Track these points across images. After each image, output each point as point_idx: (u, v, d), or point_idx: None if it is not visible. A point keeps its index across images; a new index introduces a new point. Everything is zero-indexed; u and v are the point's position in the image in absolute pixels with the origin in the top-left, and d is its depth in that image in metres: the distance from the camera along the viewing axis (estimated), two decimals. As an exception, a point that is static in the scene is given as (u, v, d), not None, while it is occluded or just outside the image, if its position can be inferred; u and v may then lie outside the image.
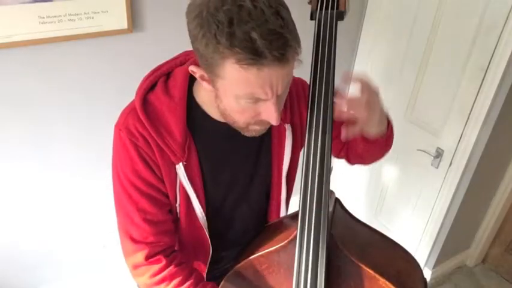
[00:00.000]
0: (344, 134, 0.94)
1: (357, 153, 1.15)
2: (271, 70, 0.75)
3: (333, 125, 1.10)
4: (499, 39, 1.73)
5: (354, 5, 2.24)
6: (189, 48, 0.86)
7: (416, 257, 2.24)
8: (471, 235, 2.55)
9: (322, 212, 0.87)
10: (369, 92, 0.89)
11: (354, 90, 0.92)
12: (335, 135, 1.14)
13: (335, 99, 0.88)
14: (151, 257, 1.00)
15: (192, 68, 0.85)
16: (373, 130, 0.99)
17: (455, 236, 2.30)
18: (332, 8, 0.88)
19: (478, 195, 2.24)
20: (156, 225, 1.00)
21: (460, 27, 1.86)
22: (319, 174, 0.88)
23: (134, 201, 0.97)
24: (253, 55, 0.72)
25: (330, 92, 0.88)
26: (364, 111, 0.89)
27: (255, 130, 0.91)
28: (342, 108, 0.89)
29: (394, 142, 1.16)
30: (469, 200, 2.15)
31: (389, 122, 1.06)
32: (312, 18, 0.91)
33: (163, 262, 1.01)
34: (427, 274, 2.43)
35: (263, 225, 1.16)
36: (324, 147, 0.89)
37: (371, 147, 1.08)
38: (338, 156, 1.22)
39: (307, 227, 0.88)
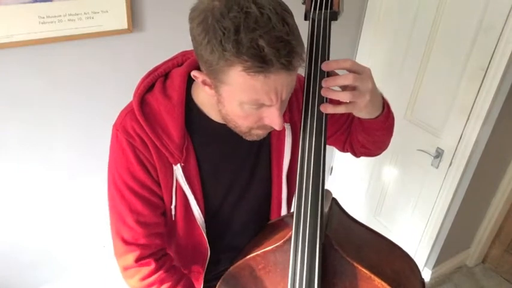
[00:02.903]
0: (331, 109, 0.87)
1: (359, 142, 1.12)
2: (278, 77, 0.75)
3: (332, 120, 1.08)
4: (499, 39, 1.73)
5: (354, 5, 2.24)
6: (189, 48, 0.86)
7: (416, 257, 2.22)
8: (471, 235, 2.55)
9: (317, 212, 0.88)
10: (354, 76, 0.83)
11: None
12: (336, 128, 1.13)
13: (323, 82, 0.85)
14: (142, 259, 1.00)
15: (194, 73, 0.85)
16: (363, 114, 0.95)
17: (455, 236, 2.30)
18: (326, 8, 0.88)
19: (478, 195, 2.24)
20: (148, 227, 1.00)
21: (460, 27, 1.86)
22: (314, 174, 0.88)
23: (128, 202, 0.97)
24: (261, 63, 0.72)
25: None
26: (349, 95, 0.84)
27: (257, 134, 0.91)
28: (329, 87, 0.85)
29: (394, 142, 1.15)
30: (469, 200, 2.15)
31: (385, 105, 1.01)
32: (306, 18, 0.91)
33: (153, 266, 1.01)
34: (427, 274, 2.43)
35: (263, 225, 1.17)
36: (319, 148, 0.89)
37: (369, 133, 1.04)
38: (343, 150, 1.20)
39: (302, 227, 0.88)
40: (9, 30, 1.44)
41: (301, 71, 0.91)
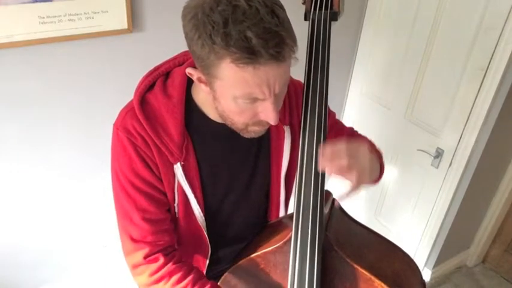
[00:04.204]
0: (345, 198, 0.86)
1: None
2: (268, 69, 0.75)
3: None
4: (499, 39, 1.73)
5: (354, 5, 2.24)
6: (189, 48, 0.86)
7: (416, 257, 2.22)
8: (471, 235, 2.55)
9: (317, 213, 0.88)
10: (347, 156, 0.82)
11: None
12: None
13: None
14: (150, 255, 1.00)
15: (189, 71, 0.85)
16: (366, 181, 0.91)
17: (455, 236, 2.30)
18: (326, 9, 0.89)
19: (478, 195, 2.24)
20: (155, 224, 1.00)
21: (460, 27, 1.85)
22: (314, 176, 0.88)
23: (133, 200, 0.97)
24: (249, 54, 0.72)
25: (324, 93, 0.88)
26: (351, 175, 0.82)
27: (254, 131, 0.91)
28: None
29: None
30: (469, 200, 2.15)
31: (381, 164, 1.02)
32: (306, 18, 0.91)
33: (162, 260, 1.00)
34: (427, 274, 2.43)
35: (263, 225, 1.17)
36: (319, 149, 0.89)
37: None
38: None
39: (302, 228, 0.88)
40: (10, 30, 1.44)
41: (301, 73, 0.91)
